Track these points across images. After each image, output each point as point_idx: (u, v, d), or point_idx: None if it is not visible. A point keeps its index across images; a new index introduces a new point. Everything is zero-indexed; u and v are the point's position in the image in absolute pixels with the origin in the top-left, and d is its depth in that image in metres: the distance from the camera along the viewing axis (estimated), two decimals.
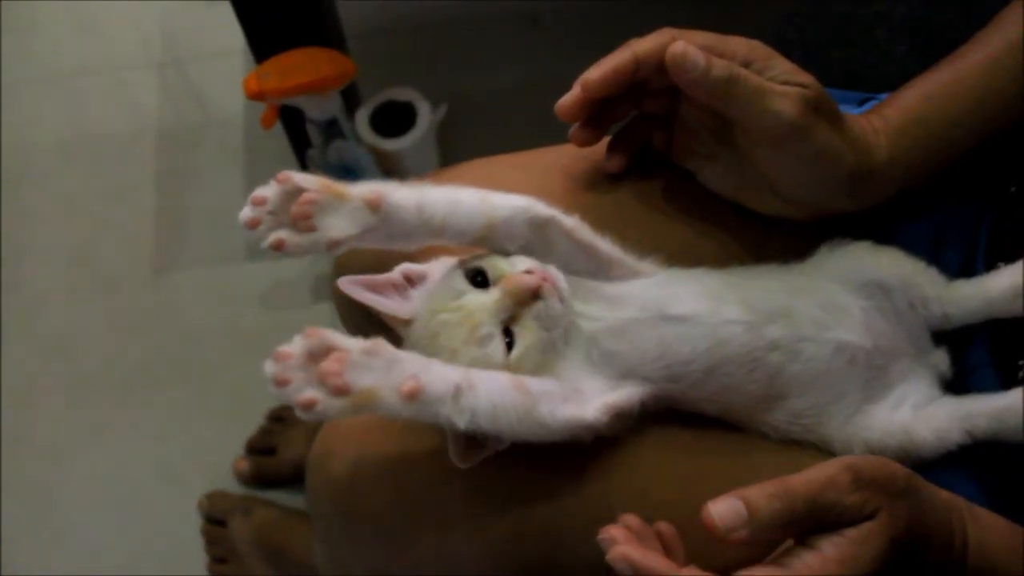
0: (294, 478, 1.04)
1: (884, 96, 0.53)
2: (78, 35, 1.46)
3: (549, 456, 0.46)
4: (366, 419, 0.53)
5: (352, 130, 1.07)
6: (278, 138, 1.15)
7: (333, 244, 0.41)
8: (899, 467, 0.40)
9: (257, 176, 1.29)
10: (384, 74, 1.19)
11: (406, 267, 0.47)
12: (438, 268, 0.47)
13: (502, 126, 1.19)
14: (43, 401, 1.15)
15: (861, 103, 0.59)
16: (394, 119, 1.11)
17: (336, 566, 0.63)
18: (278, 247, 0.40)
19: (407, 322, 0.45)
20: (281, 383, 0.37)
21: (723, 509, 0.38)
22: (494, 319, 0.42)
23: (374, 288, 0.45)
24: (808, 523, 0.38)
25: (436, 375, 0.39)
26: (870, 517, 0.38)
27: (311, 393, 0.36)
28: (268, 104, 1.00)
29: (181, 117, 1.37)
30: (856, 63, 0.73)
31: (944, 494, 0.42)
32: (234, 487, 1.07)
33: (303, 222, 0.40)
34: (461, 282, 0.44)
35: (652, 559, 0.38)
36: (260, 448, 1.07)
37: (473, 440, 0.43)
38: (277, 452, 1.06)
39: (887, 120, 0.50)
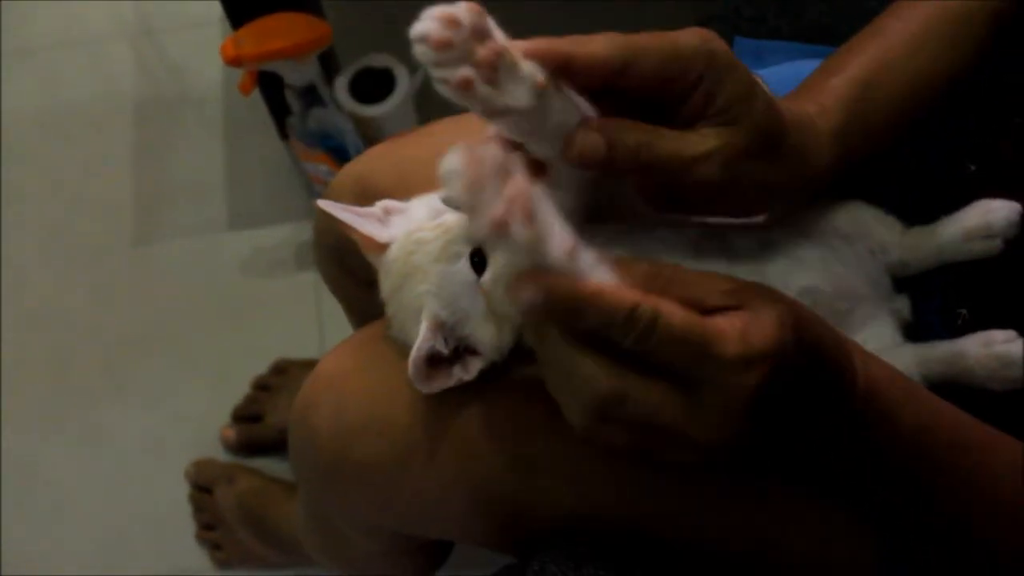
0: (281, 444, 1.04)
1: None
2: (51, 7, 1.44)
3: (527, 397, 0.48)
4: (347, 366, 0.53)
5: (331, 97, 1.07)
6: (257, 108, 1.14)
7: (506, 111, 0.34)
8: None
9: (236, 146, 1.30)
10: (362, 41, 1.18)
11: (387, 202, 0.48)
12: (417, 205, 0.48)
13: None
14: (28, 376, 1.16)
15: None
16: (373, 85, 1.11)
17: (318, 526, 0.64)
18: (466, 86, 0.33)
19: (382, 247, 0.46)
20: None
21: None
22: (467, 240, 0.43)
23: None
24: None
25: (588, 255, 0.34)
26: None
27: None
28: (246, 70, 1.00)
29: (158, 88, 1.36)
30: (831, 16, 0.73)
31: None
32: (222, 455, 1.08)
33: (490, 72, 0.33)
34: (441, 206, 0.45)
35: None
36: (246, 416, 1.08)
37: (439, 364, 0.44)
38: (263, 419, 1.07)
39: (827, 113, 0.46)
